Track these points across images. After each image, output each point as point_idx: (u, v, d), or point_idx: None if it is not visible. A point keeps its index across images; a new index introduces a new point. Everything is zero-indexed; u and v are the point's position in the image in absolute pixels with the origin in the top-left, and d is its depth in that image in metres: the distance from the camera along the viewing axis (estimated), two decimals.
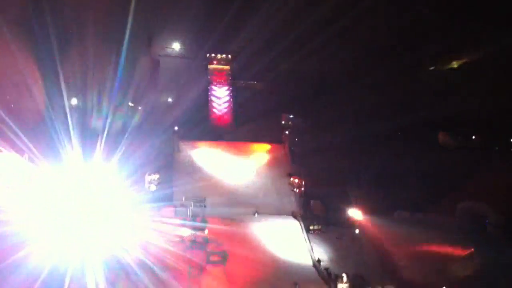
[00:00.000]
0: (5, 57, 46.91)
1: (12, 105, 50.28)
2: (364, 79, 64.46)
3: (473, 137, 66.45)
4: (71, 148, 42.79)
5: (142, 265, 37.47)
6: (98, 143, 46.15)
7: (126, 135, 51.78)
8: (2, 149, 38.93)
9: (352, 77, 65.23)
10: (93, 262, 32.71)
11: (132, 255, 38.00)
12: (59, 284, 29.62)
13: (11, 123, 39.25)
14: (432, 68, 69.16)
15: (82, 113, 60.33)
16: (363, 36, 63.14)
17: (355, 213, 45.20)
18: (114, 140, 53.47)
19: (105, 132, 49.44)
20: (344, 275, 34.97)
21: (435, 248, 42.02)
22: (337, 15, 58.59)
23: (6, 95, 50.55)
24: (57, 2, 53.60)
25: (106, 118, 57.29)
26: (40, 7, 51.36)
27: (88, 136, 51.05)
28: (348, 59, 67.46)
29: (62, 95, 52.84)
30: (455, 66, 67.00)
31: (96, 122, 58.27)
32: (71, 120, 47.97)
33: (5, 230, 30.82)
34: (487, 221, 46.95)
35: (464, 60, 67.31)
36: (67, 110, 50.05)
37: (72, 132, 45.32)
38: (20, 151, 39.67)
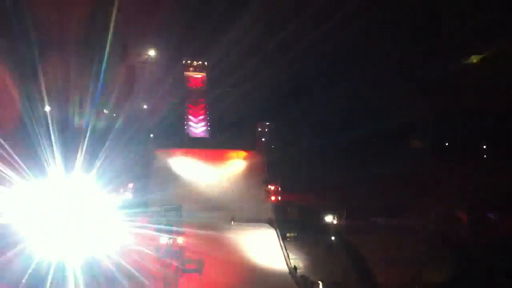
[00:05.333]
0: None
1: None
2: (337, 86, 65.19)
3: (446, 143, 67.66)
4: (51, 156, 42.79)
5: (118, 272, 37.26)
6: (78, 152, 45.84)
7: (104, 144, 51.27)
8: None
9: (326, 84, 65.92)
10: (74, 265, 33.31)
11: (107, 263, 37.92)
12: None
13: None
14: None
15: (60, 121, 59.52)
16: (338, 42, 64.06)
17: (331, 220, 45.40)
18: (90, 149, 52.97)
19: (84, 141, 48.86)
20: (320, 282, 35.04)
21: (409, 253, 42.35)
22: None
23: None
24: (35, 7, 52.98)
25: (84, 126, 56.64)
26: (19, 13, 50.78)
27: (67, 143, 50.62)
28: (323, 65, 68.15)
29: (40, 102, 52.26)
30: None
31: (74, 130, 57.80)
32: (51, 129, 47.63)
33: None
34: (460, 227, 47.80)
35: None
36: (47, 118, 49.79)
37: (52, 139, 45.16)
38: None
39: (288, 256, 42.64)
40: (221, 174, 55.51)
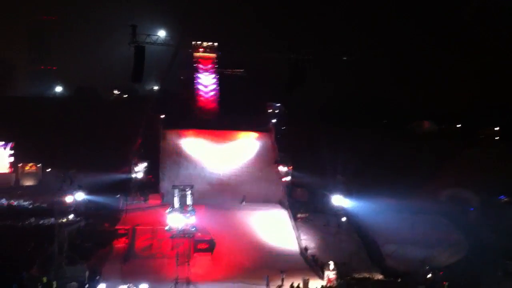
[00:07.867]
0: None
1: None
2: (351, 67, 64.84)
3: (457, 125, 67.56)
4: None
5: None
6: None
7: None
8: None
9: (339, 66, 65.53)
10: None
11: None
12: None
13: None
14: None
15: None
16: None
17: (341, 200, 45.20)
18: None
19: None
20: (331, 262, 35.03)
21: (420, 235, 42.31)
22: None
23: None
24: None
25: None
26: None
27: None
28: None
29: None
30: None
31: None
32: None
33: None
34: (471, 208, 47.64)
35: None
36: None
37: None
38: None
39: (299, 236, 42.80)
40: (232, 155, 55.28)
